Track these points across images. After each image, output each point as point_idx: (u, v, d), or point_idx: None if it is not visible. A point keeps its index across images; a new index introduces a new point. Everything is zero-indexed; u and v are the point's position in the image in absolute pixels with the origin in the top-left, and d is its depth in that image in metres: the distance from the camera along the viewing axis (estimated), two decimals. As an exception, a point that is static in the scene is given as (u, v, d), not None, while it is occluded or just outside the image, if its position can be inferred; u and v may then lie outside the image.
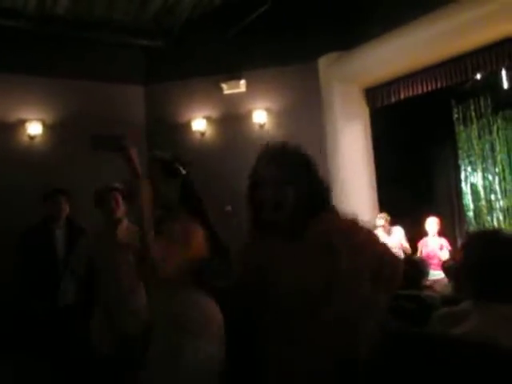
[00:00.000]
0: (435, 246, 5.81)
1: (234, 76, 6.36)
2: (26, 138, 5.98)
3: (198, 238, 2.11)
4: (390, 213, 5.95)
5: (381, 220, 5.87)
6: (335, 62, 6.08)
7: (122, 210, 3.35)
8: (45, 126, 6.06)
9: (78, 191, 4.60)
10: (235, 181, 5.80)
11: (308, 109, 6.24)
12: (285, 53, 6.18)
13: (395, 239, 5.86)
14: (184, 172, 2.41)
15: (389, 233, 5.91)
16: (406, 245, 5.88)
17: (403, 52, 5.36)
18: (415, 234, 6.07)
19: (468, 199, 6.69)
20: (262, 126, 6.42)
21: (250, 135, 6.42)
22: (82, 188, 4.26)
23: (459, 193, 6.88)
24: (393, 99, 5.92)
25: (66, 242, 4.33)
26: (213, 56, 6.32)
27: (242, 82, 6.34)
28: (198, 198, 2.41)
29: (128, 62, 6.64)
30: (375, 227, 5.73)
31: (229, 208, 5.04)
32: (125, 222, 3.37)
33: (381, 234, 5.62)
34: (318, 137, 6.00)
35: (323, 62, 6.18)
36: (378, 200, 6.16)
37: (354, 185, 5.89)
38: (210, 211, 2.42)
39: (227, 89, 6.38)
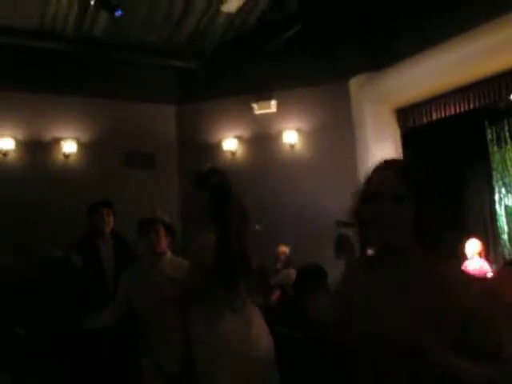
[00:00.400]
0: (476, 268, 5.62)
1: (264, 96, 6.41)
2: (61, 157, 6.13)
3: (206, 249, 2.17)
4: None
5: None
6: (366, 82, 6.07)
7: (163, 242, 3.15)
8: (79, 144, 6.21)
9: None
10: (265, 200, 5.88)
11: (339, 129, 6.21)
12: (316, 73, 6.21)
13: None
14: (215, 182, 2.37)
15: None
16: None
17: (435, 72, 5.32)
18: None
19: (502, 221, 6.54)
20: (292, 146, 6.43)
21: (281, 155, 6.45)
22: (117, 206, 4.23)
23: (493, 215, 6.72)
24: (425, 120, 5.86)
25: (114, 258, 4.00)
26: (244, 76, 6.39)
27: (273, 102, 6.38)
28: (226, 208, 2.35)
29: (161, 83, 6.77)
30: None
31: (259, 227, 5.03)
32: (168, 254, 3.20)
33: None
34: (348, 157, 5.98)
35: (354, 83, 6.17)
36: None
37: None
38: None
39: (258, 109, 6.42)
